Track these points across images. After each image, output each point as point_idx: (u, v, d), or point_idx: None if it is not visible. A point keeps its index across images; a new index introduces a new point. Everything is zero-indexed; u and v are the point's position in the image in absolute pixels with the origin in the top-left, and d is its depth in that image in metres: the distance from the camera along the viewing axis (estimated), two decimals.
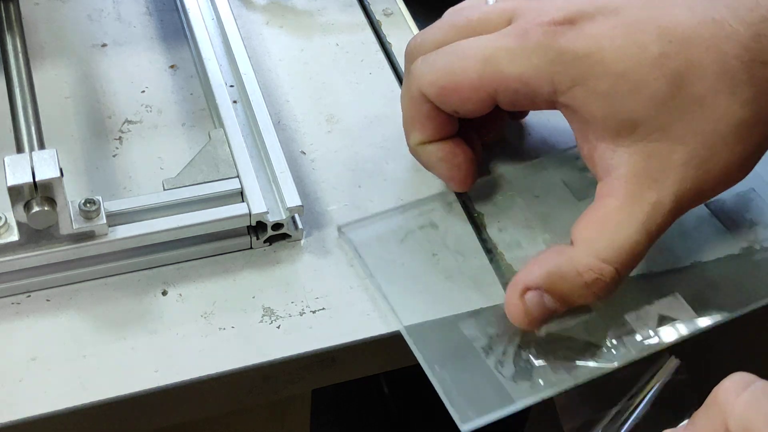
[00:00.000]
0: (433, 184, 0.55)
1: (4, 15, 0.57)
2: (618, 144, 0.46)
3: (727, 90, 0.45)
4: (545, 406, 0.56)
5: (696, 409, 0.39)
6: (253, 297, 0.50)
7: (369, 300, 0.50)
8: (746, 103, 0.45)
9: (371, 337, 0.49)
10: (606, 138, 0.46)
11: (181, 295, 0.50)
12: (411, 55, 0.52)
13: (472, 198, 0.55)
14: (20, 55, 0.55)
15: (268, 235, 0.52)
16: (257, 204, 0.50)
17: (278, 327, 0.49)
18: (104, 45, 0.63)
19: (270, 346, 0.48)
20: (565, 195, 0.55)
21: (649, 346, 0.48)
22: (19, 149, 0.49)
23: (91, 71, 0.61)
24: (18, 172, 0.45)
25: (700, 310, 0.50)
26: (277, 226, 0.51)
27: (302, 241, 0.53)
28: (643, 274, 0.51)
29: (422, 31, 0.53)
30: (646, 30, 0.45)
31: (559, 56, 0.46)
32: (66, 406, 0.45)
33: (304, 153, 0.57)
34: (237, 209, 0.50)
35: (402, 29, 0.65)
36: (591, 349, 0.48)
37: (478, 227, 0.53)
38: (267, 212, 0.50)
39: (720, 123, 0.45)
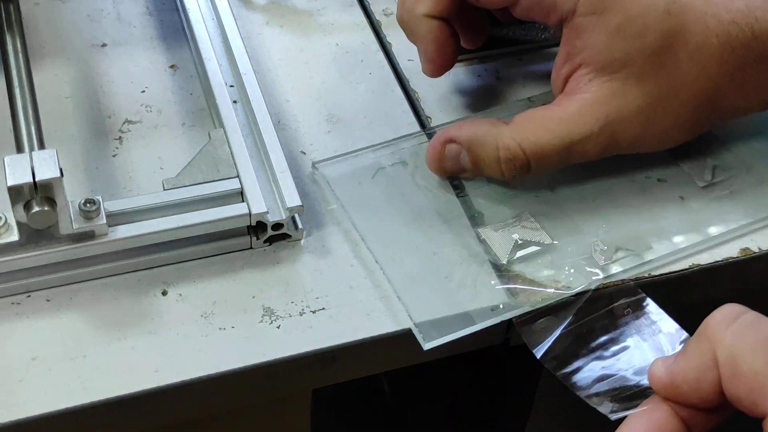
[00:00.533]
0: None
1: (4, 15, 0.57)
2: (598, 75, 0.51)
3: (700, 62, 0.51)
4: (546, 405, 0.56)
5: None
6: (253, 297, 0.50)
7: (369, 300, 0.50)
8: (710, 78, 0.51)
9: (371, 337, 0.49)
10: (591, 66, 0.51)
11: (181, 295, 0.50)
12: None
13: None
14: (20, 55, 0.55)
15: (268, 235, 0.52)
16: (257, 204, 0.50)
17: (278, 327, 0.49)
18: (104, 45, 0.63)
19: (270, 345, 0.48)
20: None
21: (606, 276, 0.51)
22: (19, 149, 0.49)
23: (91, 71, 0.61)
24: (18, 172, 0.45)
25: (657, 243, 0.53)
26: (277, 226, 0.51)
27: (302, 241, 0.53)
28: (604, 209, 0.55)
29: None
30: None
31: None
32: (66, 406, 0.45)
33: (304, 153, 0.57)
34: (237, 209, 0.50)
35: (402, 29, 0.65)
36: (550, 276, 0.51)
37: None
38: (267, 212, 0.50)
39: (683, 90, 0.51)
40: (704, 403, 0.39)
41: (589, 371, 0.47)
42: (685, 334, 0.48)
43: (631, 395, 0.45)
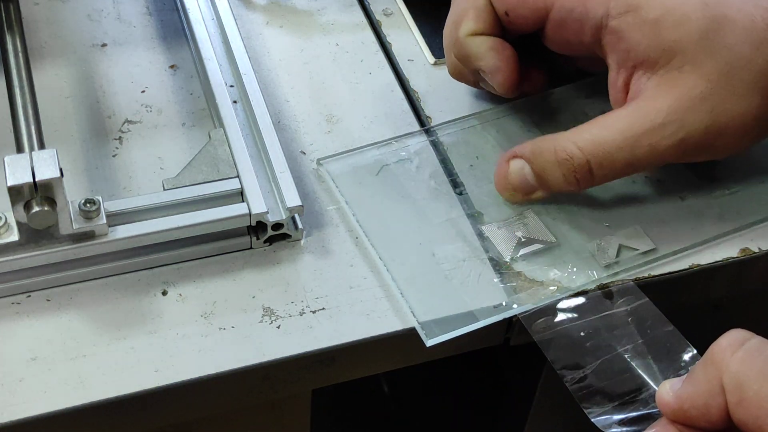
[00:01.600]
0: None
1: (4, 15, 0.57)
2: (654, 71, 0.50)
3: (753, 44, 0.49)
4: (546, 405, 0.56)
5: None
6: (253, 297, 0.50)
7: (369, 300, 0.50)
8: (767, 59, 0.49)
9: (371, 337, 0.49)
10: (644, 64, 0.50)
11: (181, 295, 0.50)
12: None
13: (443, 138, 0.58)
14: (20, 55, 0.55)
15: (268, 235, 0.52)
16: (257, 204, 0.50)
17: (278, 327, 0.49)
18: (104, 45, 0.63)
19: (270, 346, 0.48)
20: (534, 135, 0.58)
21: (607, 275, 0.51)
22: (19, 149, 0.49)
23: (91, 71, 0.61)
24: (18, 172, 0.45)
25: (658, 242, 0.53)
26: (277, 226, 0.51)
27: (302, 241, 0.53)
28: (607, 208, 0.55)
29: None
30: None
31: None
32: (66, 406, 0.45)
33: (304, 153, 0.57)
34: (237, 209, 0.50)
35: (402, 29, 0.65)
36: (553, 274, 0.51)
37: (447, 164, 0.56)
38: (267, 212, 0.50)
39: (743, 70, 0.49)
40: (712, 426, 0.40)
41: (592, 376, 0.47)
42: (685, 343, 0.48)
43: (638, 418, 0.46)
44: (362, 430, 0.97)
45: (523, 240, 0.52)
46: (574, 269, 0.51)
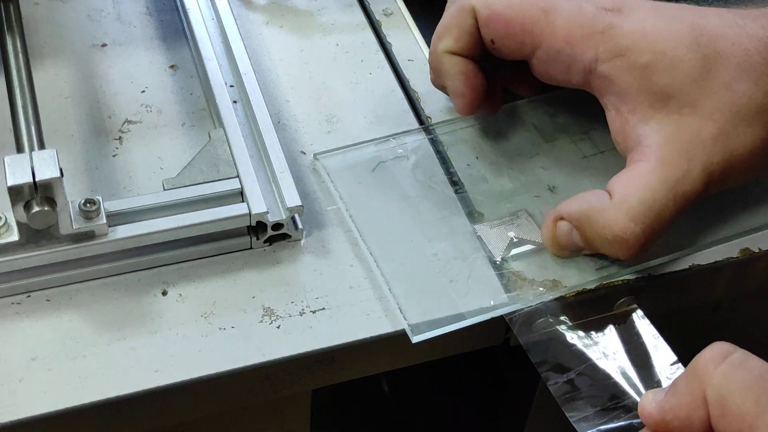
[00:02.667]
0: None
1: (4, 15, 0.57)
2: (651, 116, 0.50)
3: (750, 79, 0.49)
4: (546, 405, 0.56)
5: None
6: (253, 297, 0.50)
7: (369, 300, 0.50)
8: (766, 93, 0.49)
9: (371, 337, 0.49)
10: (639, 110, 0.50)
11: (181, 295, 0.50)
12: None
13: (442, 136, 0.58)
14: (20, 55, 0.55)
15: (268, 235, 0.52)
16: (257, 204, 0.50)
17: (278, 327, 0.49)
18: (104, 45, 0.63)
19: (270, 346, 0.48)
20: (533, 137, 0.58)
21: (596, 279, 0.51)
22: (19, 149, 0.49)
23: (91, 71, 0.61)
24: (18, 172, 0.45)
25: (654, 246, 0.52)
26: (277, 226, 0.51)
27: (302, 241, 0.53)
28: None
29: None
30: (683, 21, 0.50)
31: (608, 29, 0.50)
32: (66, 406, 0.45)
33: (304, 153, 0.57)
34: (237, 209, 0.50)
35: (402, 29, 0.65)
36: (544, 275, 0.51)
37: (446, 162, 0.56)
38: (267, 212, 0.50)
39: (744, 107, 0.49)
40: None
41: (577, 380, 0.47)
42: (671, 353, 0.48)
43: (618, 429, 0.46)
44: (362, 430, 0.96)
45: (515, 240, 0.52)
46: (566, 269, 0.51)
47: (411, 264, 0.51)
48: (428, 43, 0.63)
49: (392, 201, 0.54)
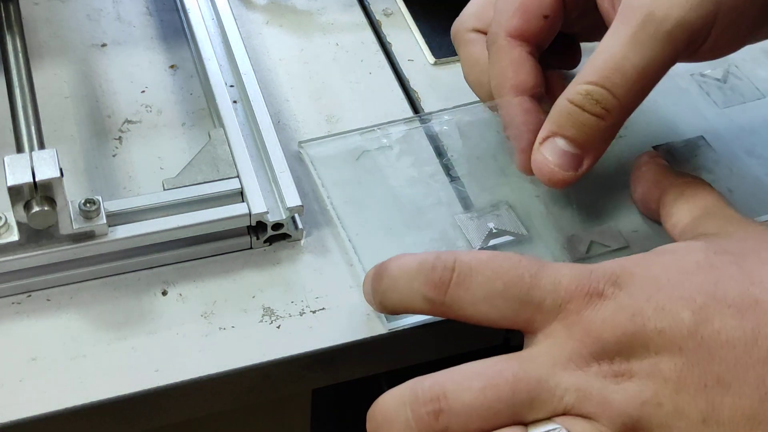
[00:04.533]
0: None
1: (4, 15, 0.57)
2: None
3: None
4: None
5: None
6: (253, 297, 0.50)
7: None
8: None
9: (371, 337, 0.49)
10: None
11: (181, 295, 0.50)
12: None
13: (427, 127, 0.58)
14: (20, 55, 0.55)
15: (268, 235, 0.52)
16: (257, 204, 0.50)
17: (278, 327, 0.49)
18: (104, 45, 0.63)
19: (270, 345, 0.48)
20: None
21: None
22: (19, 149, 0.49)
23: (91, 71, 0.61)
24: (18, 172, 0.45)
25: (633, 241, 0.52)
26: (277, 226, 0.51)
27: (302, 241, 0.53)
28: (584, 205, 0.54)
29: None
30: None
31: None
32: (66, 406, 0.45)
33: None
34: (237, 209, 0.50)
35: (402, 29, 0.65)
36: None
37: (430, 152, 0.57)
38: (267, 212, 0.50)
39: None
40: None
41: None
42: None
43: None
44: (362, 430, 0.96)
45: (494, 231, 0.52)
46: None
47: (390, 252, 0.51)
48: (428, 43, 0.64)
49: (375, 190, 0.54)
